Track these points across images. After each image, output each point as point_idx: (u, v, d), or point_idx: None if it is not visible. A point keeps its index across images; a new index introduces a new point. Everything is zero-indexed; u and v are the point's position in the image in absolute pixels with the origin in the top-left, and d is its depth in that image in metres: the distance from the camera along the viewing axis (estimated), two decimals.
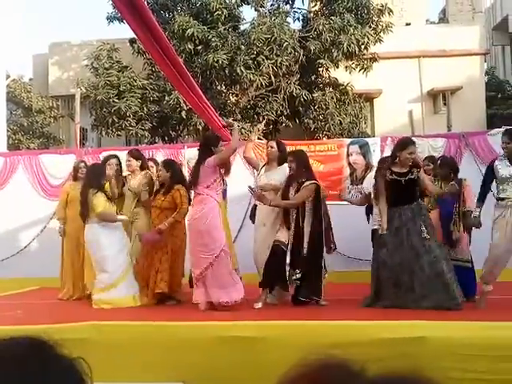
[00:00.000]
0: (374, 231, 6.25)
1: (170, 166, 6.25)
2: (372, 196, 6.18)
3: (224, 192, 6.47)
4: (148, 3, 12.84)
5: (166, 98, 12.03)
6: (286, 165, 5.86)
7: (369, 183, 6.71)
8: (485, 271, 5.22)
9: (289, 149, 6.65)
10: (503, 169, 5.21)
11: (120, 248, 5.95)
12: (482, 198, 5.38)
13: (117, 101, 12.36)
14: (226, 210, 6.54)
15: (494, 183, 5.45)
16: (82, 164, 7.17)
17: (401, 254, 5.18)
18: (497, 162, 5.30)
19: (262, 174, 6.14)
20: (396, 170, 5.41)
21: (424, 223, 5.24)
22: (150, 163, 6.94)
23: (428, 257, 5.10)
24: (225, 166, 5.82)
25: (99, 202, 5.83)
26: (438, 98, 15.11)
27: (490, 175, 5.42)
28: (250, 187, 5.74)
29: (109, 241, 5.85)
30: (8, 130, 14.27)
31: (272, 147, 6.16)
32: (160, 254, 5.90)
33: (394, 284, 5.16)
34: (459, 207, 5.84)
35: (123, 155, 8.81)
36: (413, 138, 6.27)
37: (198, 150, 5.87)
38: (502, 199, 5.17)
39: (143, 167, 6.65)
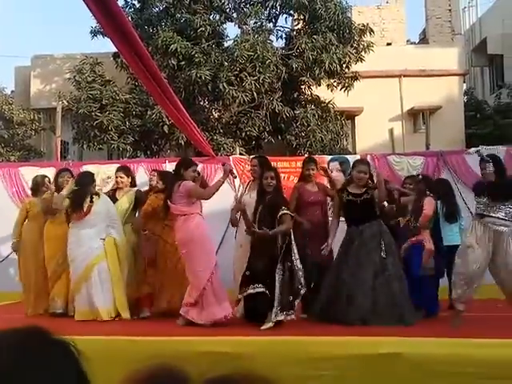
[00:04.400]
0: None
1: (167, 176, 6.24)
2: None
3: None
4: (132, 18, 12.92)
5: (149, 112, 12.05)
6: None
7: None
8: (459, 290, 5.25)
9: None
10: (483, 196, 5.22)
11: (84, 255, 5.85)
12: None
13: (99, 114, 12.34)
14: None
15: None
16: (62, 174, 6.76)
17: (358, 272, 5.29)
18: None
19: (246, 193, 6.09)
20: (352, 191, 5.58)
21: (383, 241, 5.34)
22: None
23: (383, 276, 5.20)
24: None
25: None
26: (418, 116, 15.34)
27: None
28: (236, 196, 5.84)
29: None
30: None
31: (255, 166, 6.13)
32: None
33: (344, 300, 5.24)
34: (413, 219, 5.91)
35: (105, 169, 8.84)
36: (367, 158, 6.44)
37: (174, 170, 5.88)
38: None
39: (133, 184, 6.63)
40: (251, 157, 8.38)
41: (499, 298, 5.49)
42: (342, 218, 6.05)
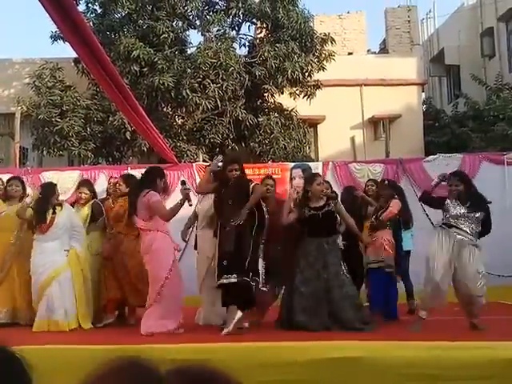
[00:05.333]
0: None
1: (130, 180, 6.20)
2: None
3: None
4: (93, 24, 12.78)
5: (110, 118, 11.92)
6: None
7: None
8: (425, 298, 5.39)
9: None
10: (455, 209, 5.35)
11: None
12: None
13: (59, 120, 12.13)
14: None
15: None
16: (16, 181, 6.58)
17: (315, 285, 5.39)
18: (448, 202, 5.45)
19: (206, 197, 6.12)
20: (313, 205, 5.61)
21: (338, 257, 5.50)
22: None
23: (339, 291, 5.36)
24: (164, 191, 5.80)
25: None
26: (379, 125, 15.62)
27: (438, 202, 5.61)
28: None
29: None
30: None
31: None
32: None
33: (305, 310, 5.34)
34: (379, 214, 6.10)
35: (65, 175, 8.70)
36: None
37: (140, 180, 5.81)
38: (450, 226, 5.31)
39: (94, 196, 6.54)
40: (205, 166, 8.39)
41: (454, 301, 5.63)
42: None
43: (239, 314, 5.19)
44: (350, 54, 16.80)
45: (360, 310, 5.44)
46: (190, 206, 5.76)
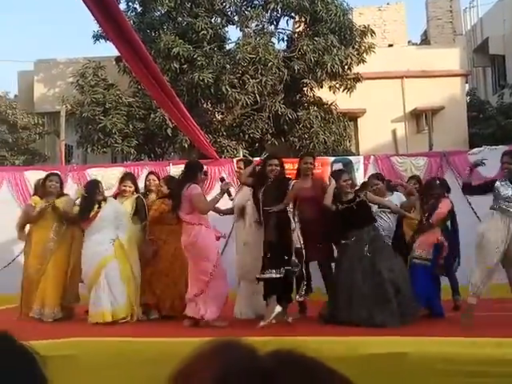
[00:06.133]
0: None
1: (171, 182, 6.30)
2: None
3: None
4: (134, 22, 12.97)
5: (152, 115, 12.09)
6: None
7: None
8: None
9: None
10: (506, 189, 5.27)
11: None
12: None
13: (102, 118, 12.39)
14: None
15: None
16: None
17: (356, 276, 5.32)
18: (498, 184, 5.35)
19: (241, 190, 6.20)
20: (344, 200, 5.65)
21: (377, 245, 5.45)
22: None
23: (374, 278, 5.26)
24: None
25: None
26: (421, 117, 15.35)
27: (485, 186, 5.52)
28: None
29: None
30: None
31: (240, 168, 6.35)
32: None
33: (348, 302, 5.27)
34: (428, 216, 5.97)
35: (109, 172, 8.87)
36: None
37: (181, 175, 5.91)
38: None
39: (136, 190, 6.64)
40: (236, 159, 8.44)
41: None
42: None
43: (278, 307, 5.21)
44: (390, 45, 16.52)
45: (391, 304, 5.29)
46: (231, 200, 5.96)
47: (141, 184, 6.92)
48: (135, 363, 3.90)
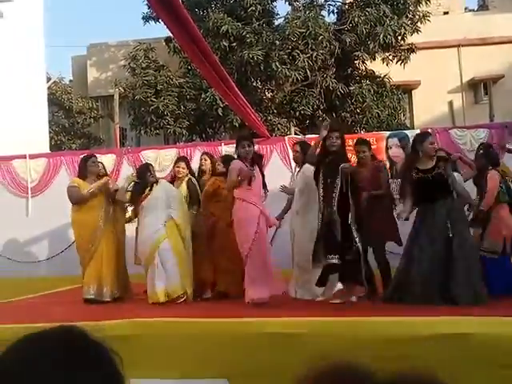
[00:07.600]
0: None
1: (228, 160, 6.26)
2: (398, 196, 5.89)
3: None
4: (182, 1, 12.94)
5: (203, 95, 12.11)
6: (306, 165, 5.75)
7: None
8: None
9: None
10: None
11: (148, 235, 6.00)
12: None
13: (154, 100, 12.52)
14: None
15: None
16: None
17: (432, 252, 4.93)
18: None
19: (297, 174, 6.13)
20: (421, 168, 5.12)
21: (457, 220, 4.99)
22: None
23: (459, 252, 4.88)
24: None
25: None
26: (479, 87, 14.75)
27: None
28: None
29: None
30: (50, 132, 14.65)
31: (297, 151, 6.13)
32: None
33: (423, 281, 4.90)
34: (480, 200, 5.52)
35: (163, 153, 8.97)
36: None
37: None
38: None
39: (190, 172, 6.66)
40: (289, 138, 8.29)
41: None
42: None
43: (339, 285, 5.10)
44: (445, 13, 15.88)
45: (474, 281, 4.98)
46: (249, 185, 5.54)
47: (194, 165, 6.96)
48: (197, 344, 3.94)
